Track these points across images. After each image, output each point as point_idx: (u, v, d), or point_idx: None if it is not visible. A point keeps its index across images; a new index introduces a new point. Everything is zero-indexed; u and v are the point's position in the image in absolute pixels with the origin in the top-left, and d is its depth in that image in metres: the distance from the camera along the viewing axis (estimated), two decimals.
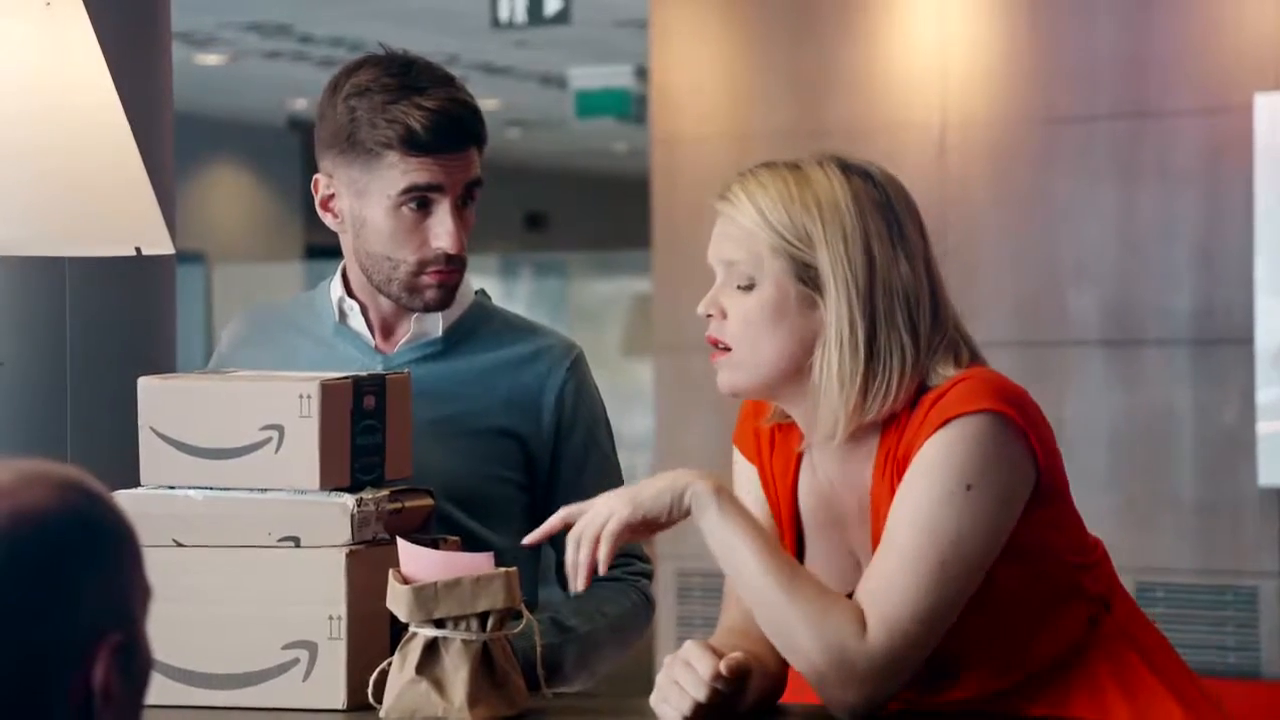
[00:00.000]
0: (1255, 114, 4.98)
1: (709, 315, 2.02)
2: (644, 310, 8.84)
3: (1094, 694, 1.97)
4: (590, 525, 1.93)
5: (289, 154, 12.53)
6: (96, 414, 2.72)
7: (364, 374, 2.16)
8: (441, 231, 2.29)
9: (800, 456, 2.07)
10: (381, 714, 1.98)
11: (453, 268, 2.31)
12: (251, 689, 2.09)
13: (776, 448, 2.09)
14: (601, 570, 1.93)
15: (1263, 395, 4.98)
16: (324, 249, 12.56)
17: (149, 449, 2.15)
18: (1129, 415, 5.20)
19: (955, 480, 1.87)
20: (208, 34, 9.30)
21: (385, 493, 2.12)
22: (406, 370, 2.25)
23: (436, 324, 2.37)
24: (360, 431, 2.12)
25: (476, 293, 2.44)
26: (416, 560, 2.00)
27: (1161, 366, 5.17)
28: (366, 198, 2.30)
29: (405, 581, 1.98)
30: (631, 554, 2.38)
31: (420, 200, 2.28)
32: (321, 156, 2.34)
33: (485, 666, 1.97)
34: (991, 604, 1.92)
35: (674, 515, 1.93)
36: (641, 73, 8.23)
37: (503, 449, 2.34)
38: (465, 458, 2.32)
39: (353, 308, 2.38)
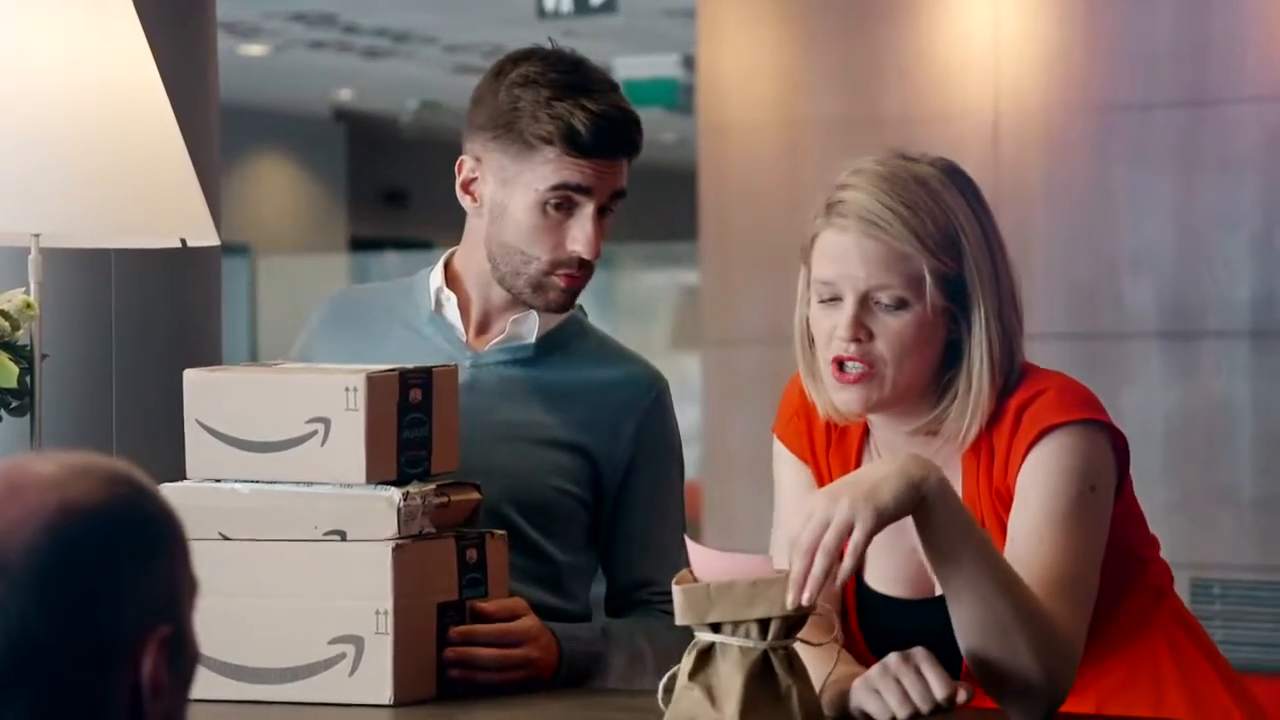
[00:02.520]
0: None
1: (856, 340, 1.95)
2: (691, 303, 8.81)
3: (1155, 679, 2.02)
4: (832, 536, 1.79)
5: (334, 145, 12.55)
6: (142, 406, 2.72)
7: (410, 367, 2.14)
8: (580, 235, 2.26)
9: (860, 454, 2.05)
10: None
11: (584, 273, 2.30)
12: (297, 683, 2.08)
13: (833, 446, 2.07)
14: (840, 582, 1.80)
15: None
16: (369, 241, 12.59)
17: (195, 442, 2.14)
18: (1186, 409, 5.14)
19: (1082, 482, 1.93)
20: (252, 24, 9.31)
21: (432, 486, 2.10)
22: (453, 364, 2.23)
23: (531, 329, 2.35)
24: (407, 425, 2.11)
25: (577, 309, 2.42)
26: (705, 562, 1.89)
27: (1220, 359, 5.11)
28: (512, 187, 2.27)
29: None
30: None
31: (565, 201, 2.25)
32: (472, 139, 2.31)
33: (764, 677, 1.82)
34: None
35: (906, 512, 1.82)
36: (688, 62, 8.21)
37: (573, 464, 2.32)
38: (533, 465, 2.30)
39: (450, 298, 2.36)
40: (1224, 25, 5.11)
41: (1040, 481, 1.93)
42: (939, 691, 1.81)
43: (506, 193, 2.27)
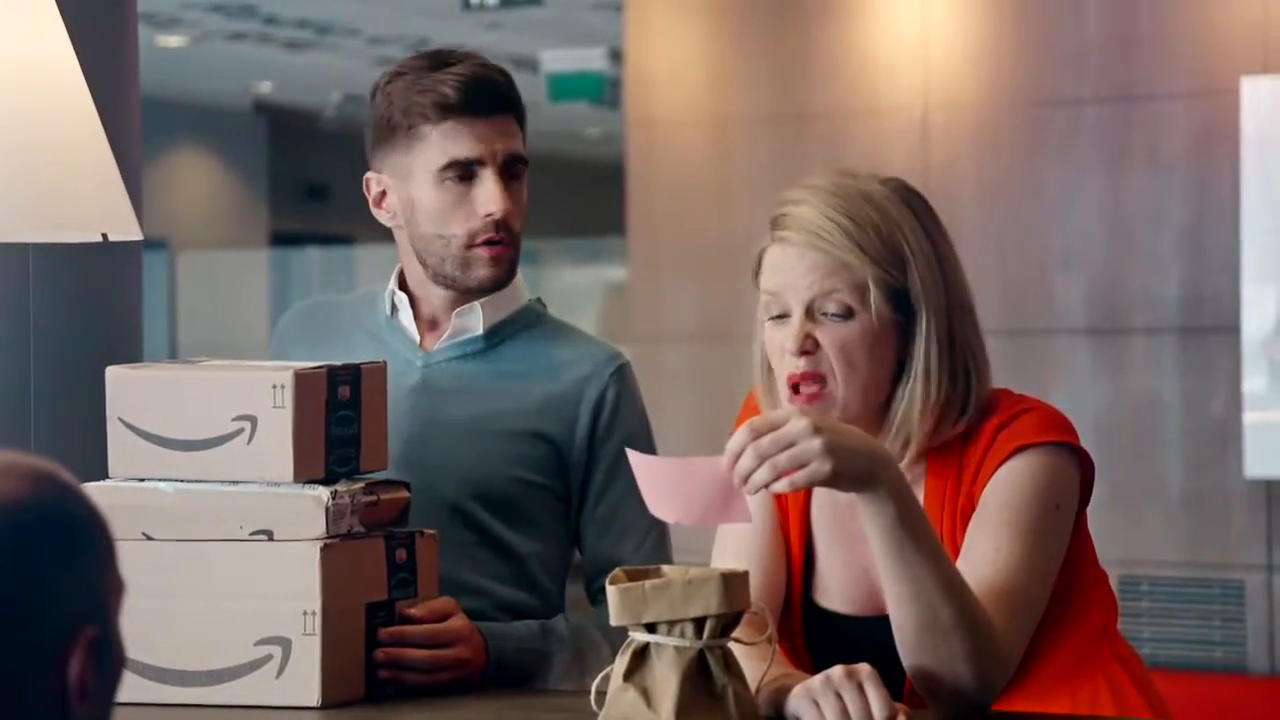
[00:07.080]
0: (1242, 98, 4.95)
1: (805, 352, 1.93)
2: (618, 299, 8.80)
3: (1094, 710, 2.01)
4: (785, 459, 1.77)
5: (254, 138, 12.46)
6: (61, 404, 2.67)
7: (338, 364, 2.12)
8: (486, 199, 2.28)
9: None
10: None
11: (504, 238, 2.30)
12: (224, 686, 2.06)
13: None
14: (785, 488, 1.78)
15: (1249, 385, 4.96)
16: (290, 236, 12.50)
17: (117, 440, 2.11)
18: (1114, 405, 5.17)
19: (1048, 500, 1.94)
20: (170, 15, 9.22)
21: (360, 485, 2.09)
22: (382, 360, 2.21)
23: (478, 321, 2.34)
24: (335, 422, 2.09)
25: (533, 300, 2.42)
26: (651, 469, 1.86)
27: (1148, 355, 5.14)
28: (411, 180, 2.31)
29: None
30: None
31: (462, 174, 2.28)
32: (372, 157, 2.36)
33: (700, 677, 1.80)
34: None
35: (851, 487, 1.81)
36: (615, 55, 8.19)
37: (536, 453, 2.31)
38: (495, 458, 2.30)
39: (402, 300, 2.37)
40: (1153, 21, 5.14)
41: (1006, 493, 1.93)
42: (879, 713, 1.78)
43: (409, 187, 2.31)
